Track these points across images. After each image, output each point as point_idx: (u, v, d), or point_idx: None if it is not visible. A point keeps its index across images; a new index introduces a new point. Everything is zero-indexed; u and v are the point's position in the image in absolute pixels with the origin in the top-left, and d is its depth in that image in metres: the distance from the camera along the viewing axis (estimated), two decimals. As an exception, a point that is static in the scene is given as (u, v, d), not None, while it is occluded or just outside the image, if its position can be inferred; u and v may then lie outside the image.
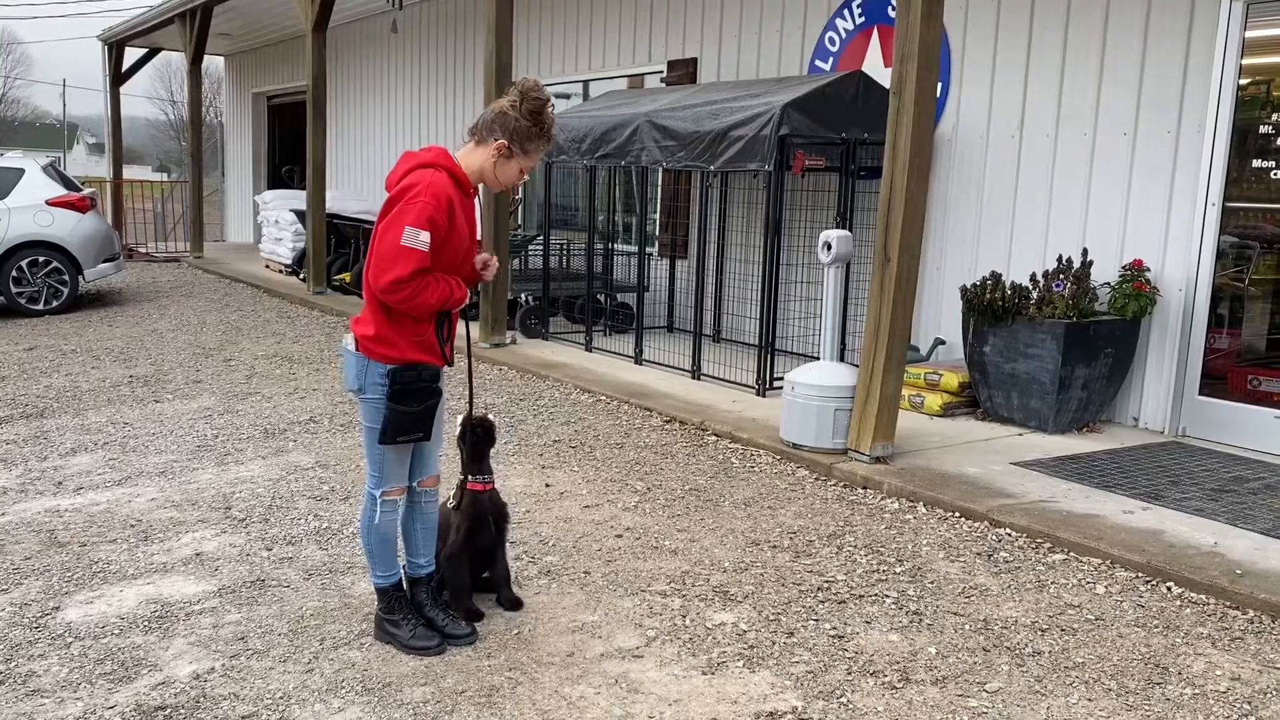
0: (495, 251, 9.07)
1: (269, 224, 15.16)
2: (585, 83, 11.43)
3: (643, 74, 10.55)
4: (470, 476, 3.91)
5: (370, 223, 13.13)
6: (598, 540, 4.60)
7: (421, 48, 14.56)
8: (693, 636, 3.67)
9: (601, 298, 9.83)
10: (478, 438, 3.92)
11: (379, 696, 3.23)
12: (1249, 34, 5.98)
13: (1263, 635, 3.70)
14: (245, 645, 3.55)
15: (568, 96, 11.78)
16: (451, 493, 3.97)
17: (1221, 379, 6.40)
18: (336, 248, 13.00)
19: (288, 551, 4.40)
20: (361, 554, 4.21)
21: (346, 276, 12.36)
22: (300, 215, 13.22)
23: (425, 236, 3.27)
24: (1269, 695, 3.28)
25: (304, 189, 12.80)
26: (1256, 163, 6.04)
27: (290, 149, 19.98)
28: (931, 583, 4.17)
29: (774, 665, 3.47)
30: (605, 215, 10.02)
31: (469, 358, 4.24)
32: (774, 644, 3.62)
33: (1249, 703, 3.24)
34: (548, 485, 5.38)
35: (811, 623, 3.80)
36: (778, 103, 7.05)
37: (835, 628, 3.76)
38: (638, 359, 8.41)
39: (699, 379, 7.80)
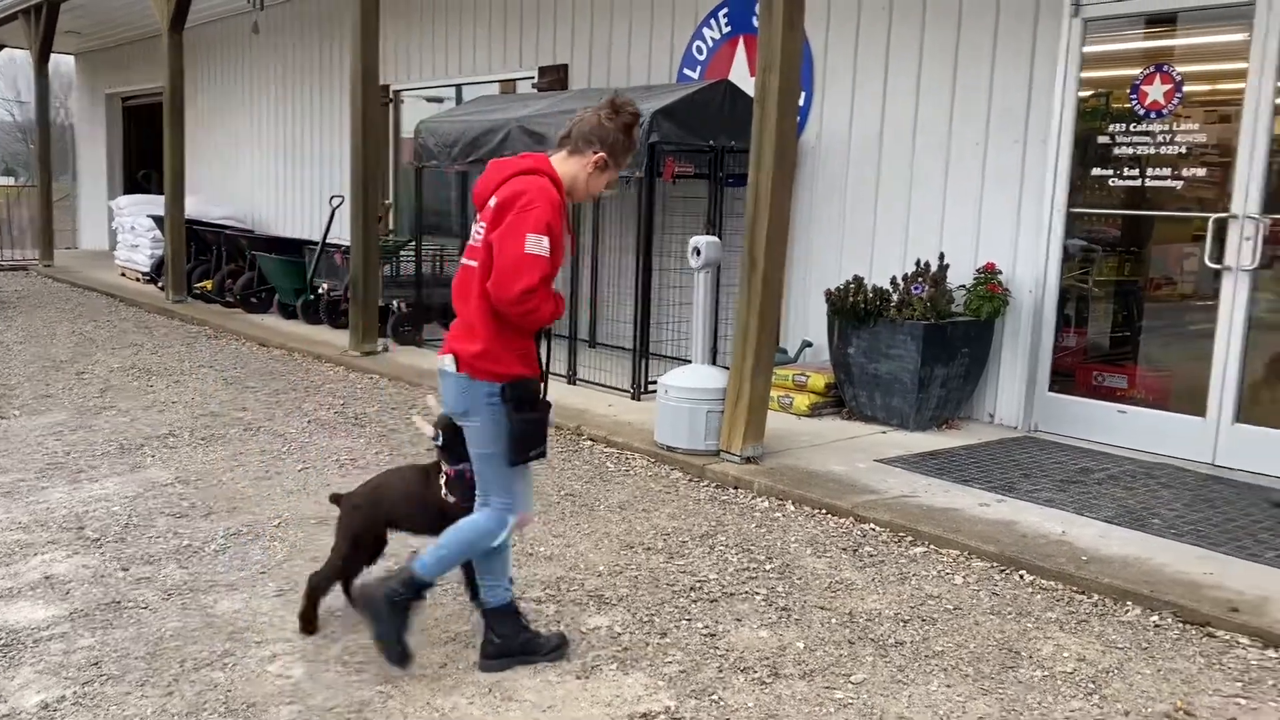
0: (364, 258, 8.90)
1: (125, 230, 14.52)
2: (458, 87, 11.33)
3: (515, 79, 10.51)
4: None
5: (234, 230, 12.74)
6: (471, 549, 4.56)
7: (286, 49, 14.18)
8: (564, 638, 3.67)
9: (476, 304, 9.73)
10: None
11: (243, 718, 3.14)
12: (1087, 49, 6.33)
13: (1106, 618, 3.93)
14: (99, 671, 3.39)
15: (440, 100, 11.66)
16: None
17: (1070, 376, 6.76)
18: (197, 255, 12.54)
19: (145, 571, 4.23)
20: (229, 573, 4.08)
21: (208, 284, 11.94)
22: (158, 221, 12.70)
23: (546, 243, 3.21)
24: (1111, 674, 3.48)
25: (162, 194, 12.29)
26: (1097, 171, 6.41)
27: (148, 152, 19.16)
28: (800, 579, 4.28)
29: (647, 666, 3.50)
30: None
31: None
32: (647, 645, 3.66)
33: (1093, 682, 3.43)
34: (420, 495, 5.30)
35: (684, 623, 3.85)
36: (647, 110, 7.12)
37: (707, 626, 3.82)
38: (513, 365, 8.34)
39: (575, 384, 7.81)
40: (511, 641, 3.49)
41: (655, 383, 6.49)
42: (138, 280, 14.04)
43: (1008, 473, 5.63)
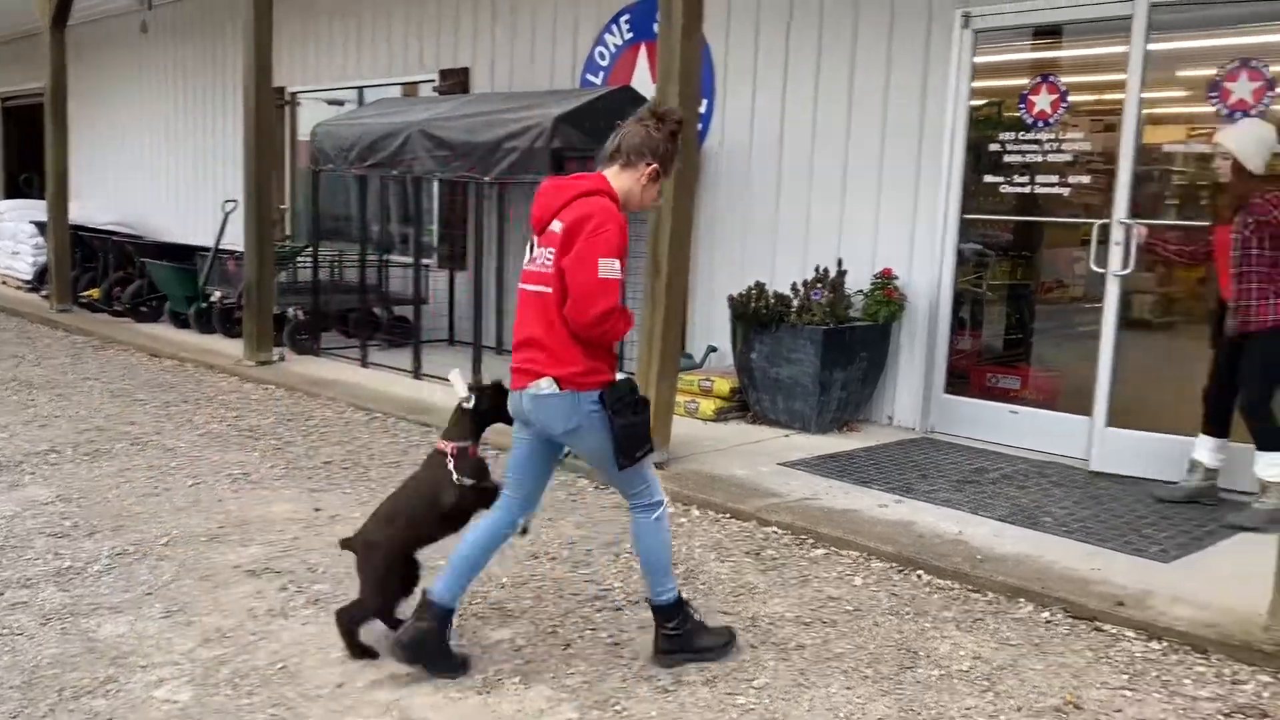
0: (259, 263, 8.65)
1: (5, 236, 13.89)
2: (359, 89, 11.11)
3: (416, 82, 10.36)
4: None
5: (121, 236, 12.26)
6: (371, 563, 4.46)
7: (176, 49, 13.73)
8: (469, 656, 3.61)
9: (377, 311, 9.56)
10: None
11: (126, 748, 3.00)
12: (979, 59, 6.51)
13: (1000, 615, 4.02)
14: (-32, 704, 3.21)
15: (341, 103, 11.42)
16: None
17: (964, 378, 6.94)
18: (83, 262, 12.04)
19: (22, 596, 4.02)
20: (119, 593, 3.92)
21: (95, 293, 11.47)
22: (41, 227, 12.16)
23: (617, 265, 3.27)
24: (1005, 671, 3.56)
25: (45, 198, 11.77)
26: (989, 178, 6.59)
27: (29, 155, 18.33)
28: (704, 584, 4.28)
29: (550, 679, 3.46)
30: (379, 226, 9.77)
31: None
32: (550, 657, 3.62)
33: (988, 679, 3.51)
34: (317, 509, 5.17)
35: (588, 633, 3.82)
36: (550, 115, 7.09)
37: (612, 636, 3.80)
38: (416, 373, 8.24)
39: (479, 392, 7.71)
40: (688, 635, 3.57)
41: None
42: (19, 289, 13.44)
43: (906, 474, 5.74)
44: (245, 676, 3.43)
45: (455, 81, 9.77)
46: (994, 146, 6.54)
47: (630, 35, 8.44)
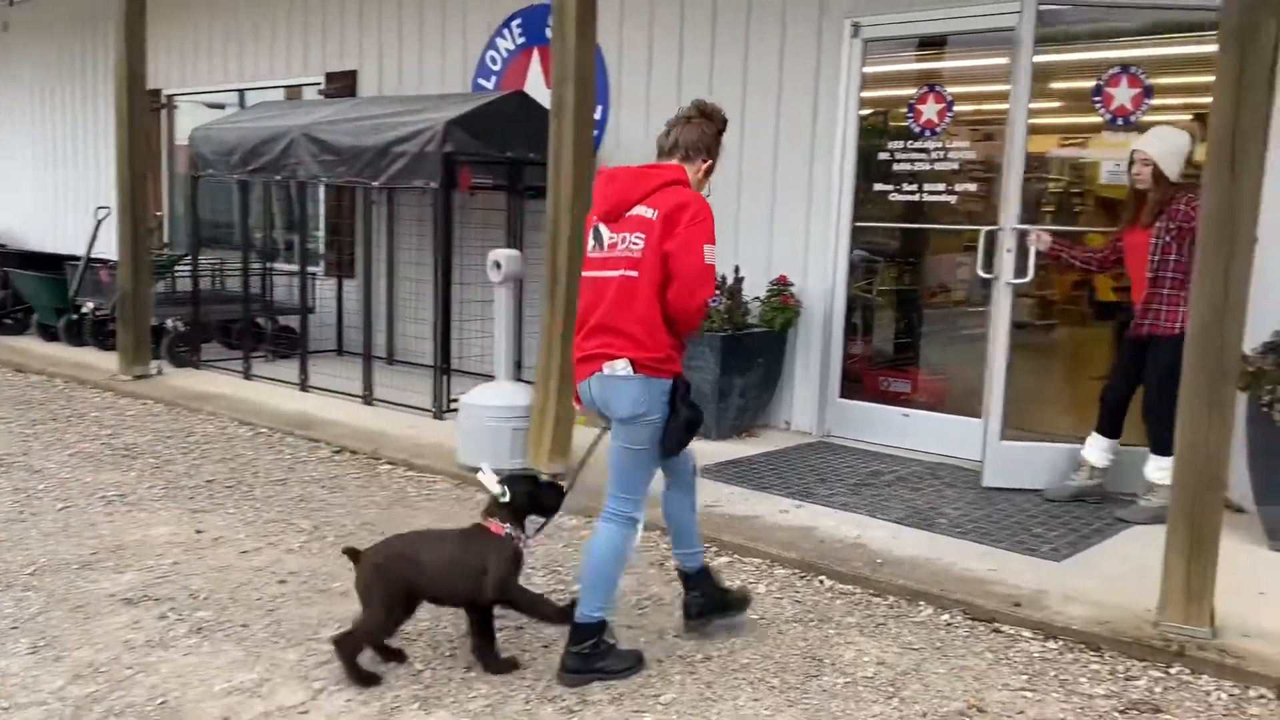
0: (134, 272, 8.25)
1: None
2: (240, 92, 10.71)
3: (300, 85, 10.04)
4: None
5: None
6: (258, 589, 4.25)
7: (42, 49, 13.04)
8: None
9: (261, 321, 9.22)
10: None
11: (-13, 801, 2.77)
12: (868, 69, 6.61)
13: (901, 619, 4.05)
14: None
15: (222, 106, 10.99)
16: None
17: (859, 382, 7.03)
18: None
19: None
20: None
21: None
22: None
23: (714, 252, 3.41)
24: (909, 676, 3.58)
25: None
26: (880, 186, 6.69)
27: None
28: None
29: (451, 703, 3.34)
30: (263, 233, 9.43)
31: None
32: (451, 681, 3.49)
33: (892, 685, 3.52)
34: (199, 531, 4.92)
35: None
36: (441, 119, 6.93)
37: (510, 654, 3.68)
38: (303, 385, 7.96)
39: (372, 404, 7.50)
40: (590, 656, 3.51)
41: (458, 400, 6.31)
42: None
43: (804, 478, 5.78)
44: (121, 715, 3.21)
45: (342, 85, 9.50)
46: (884, 155, 6.65)
47: (522, 40, 8.34)
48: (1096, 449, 5.35)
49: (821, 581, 4.40)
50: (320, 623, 3.92)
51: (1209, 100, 5.41)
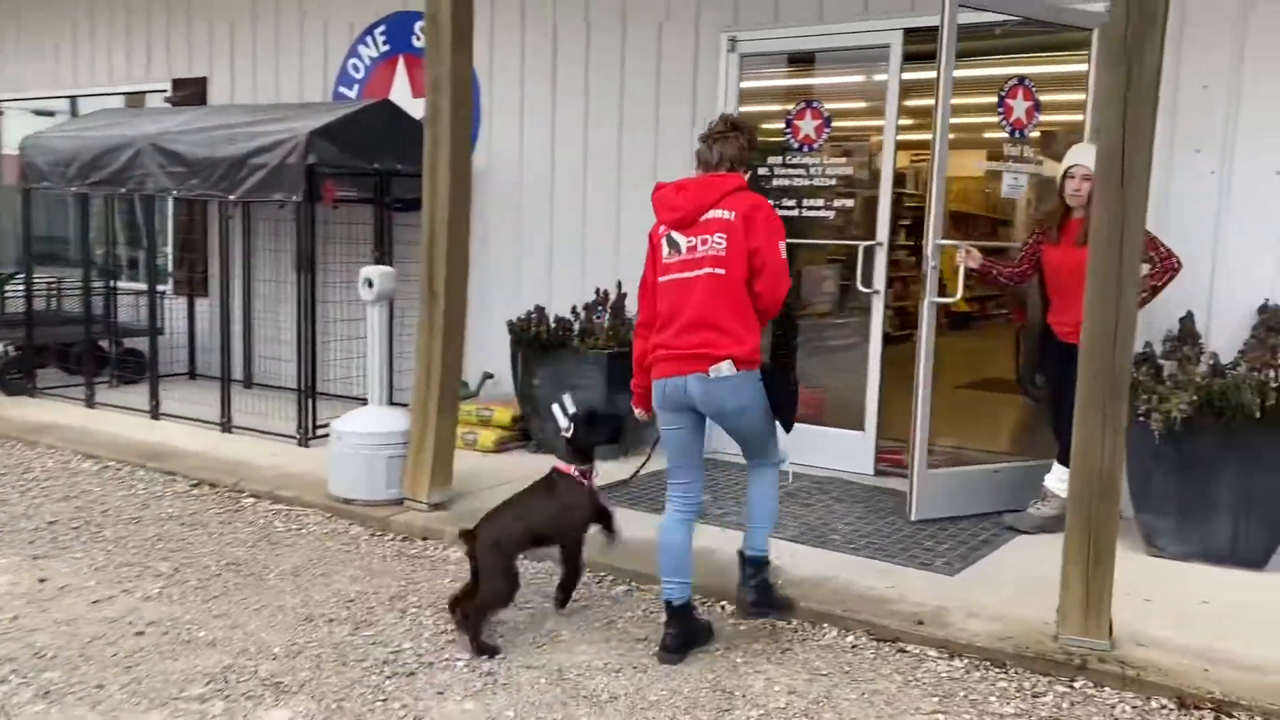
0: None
1: None
2: (73, 98, 9.98)
3: (143, 92, 9.41)
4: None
5: None
6: (113, 643, 3.86)
7: None
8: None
9: (104, 344, 8.57)
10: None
11: None
12: (746, 84, 6.58)
13: (807, 643, 3.96)
14: None
15: (52, 114, 10.21)
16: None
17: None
18: None
19: None
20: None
21: None
22: None
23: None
24: (821, 705, 3.48)
25: None
26: (759, 200, 6.65)
27: None
28: (502, 636, 3.97)
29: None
30: (104, 249, 8.78)
31: None
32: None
33: (805, 715, 3.42)
34: (43, 580, 4.45)
35: (379, 704, 3.44)
36: (303, 129, 6.56)
37: (406, 705, 3.43)
38: (154, 413, 7.42)
39: (231, 432, 7.03)
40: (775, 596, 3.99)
41: (326, 425, 5.95)
42: None
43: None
44: (-43, 804, 2.82)
45: (190, 92, 8.94)
46: (763, 170, 6.62)
47: (387, 47, 8.02)
48: (1059, 479, 5.09)
49: (724, 607, 4.28)
50: (186, 678, 3.57)
51: (1078, 117, 5.67)
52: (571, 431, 4.01)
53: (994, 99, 5.53)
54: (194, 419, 7.24)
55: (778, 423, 3.85)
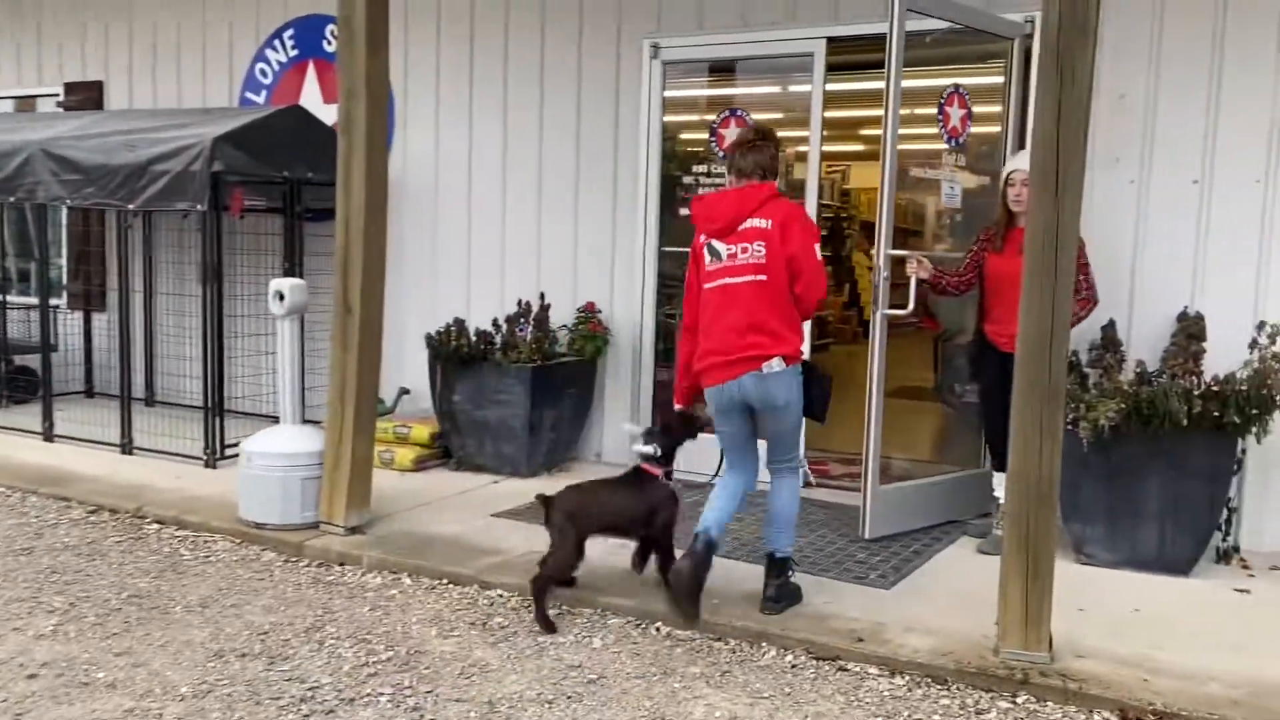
0: None
1: None
2: (-47, 103, 9.43)
3: (32, 96, 8.94)
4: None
5: None
6: (2, 686, 3.55)
7: None
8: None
9: (-7, 362, 8.08)
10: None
11: None
12: (670, 93, 6.48)
13: (746, 664, 3.84)
14: None
15: (-68, 118, 9.62)
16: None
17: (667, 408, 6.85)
18: None
19: None
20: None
21: None
22: None
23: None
24: (764, 729, 3.37)
25: None
26: (684, 211, 6.54)
27: None
28: (428, 668, 3.78)
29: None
30: (-7, 262, 8.29)
31: None
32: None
33: (749, 741, 3.30)
34: (-78, 622, 4.10)
35: (297, 747, 3.21)
36: (208, 135, 6.26)
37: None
38: (48, 435, 7.00)
39: (132, 453, 6.67)
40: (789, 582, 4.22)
41: (235, 446, 5.66)
42: None
43: (624, 515, 5.51)
44: None
45: (85, 97, 8.51)
46: (689, 179, 6.53)
47: (296, 52, 7.73)
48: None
49: (659, 629, 4.14)
50: (84, 728, 3.29)
51: (995, 129, 5.70)
52: (657, 446, 4.25)
53: (915, 111, 5.52)
54: (91, 440, 6.85)
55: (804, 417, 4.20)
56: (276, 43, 7.80)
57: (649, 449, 4.23)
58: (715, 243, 4.04)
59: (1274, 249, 5.07)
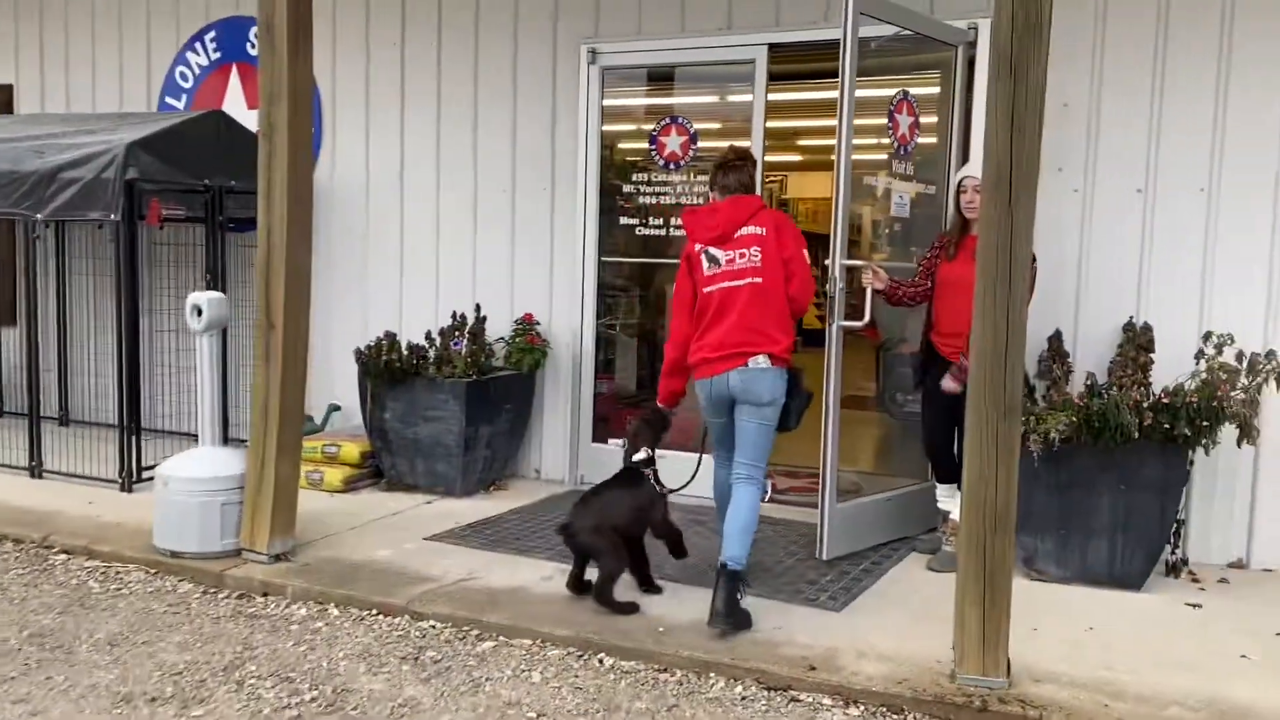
0: None
1: None
2: None
3: (-63, 100, 8.47)
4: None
5: None
6: (-121, 746, 3.24)
7: None
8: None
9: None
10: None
11: None
12: (610, 102, 6.31)
13: (694, 697, 3.66)
14: None
15: None
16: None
17: (607, 421, 6.67)
18: None
19: None
20: None
21: None
22: None
23: None
24: (715, 768, 3.19)
25: None
26: (625, 220, 6.39)
27: None
28: (355, 708, 3.53)
29: None
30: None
31: None
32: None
33: (699, 782, 3.11)
34: None
35: (210, 803, 2.96)
36: (121, 141, 5.94)
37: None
38: (-50, 459, 6.59)
39: (41, 477, 6.29)
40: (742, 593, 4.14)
41: (154, 467, 5.34)
42: None
43: (565, 536, 5.30)
44: None
45: (-7, 100, 8.10)
46: (629, 187, 6.36)
47: (218, 55, 7.42)
48: (951, 500, 4.91)
49: (601, 660, 3.93)
50: (-30, 788, 2.99)
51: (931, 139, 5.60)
52: (648, 451, 4.46)
53: (856, 121, 5.39)
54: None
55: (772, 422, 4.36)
56: (198, 45, 7.48)
57: (642, 455, 4.43)
58: (713, 250, 4.32)
59: (1218, 258, 5.04)
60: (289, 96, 4.72)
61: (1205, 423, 4.34)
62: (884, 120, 5.37)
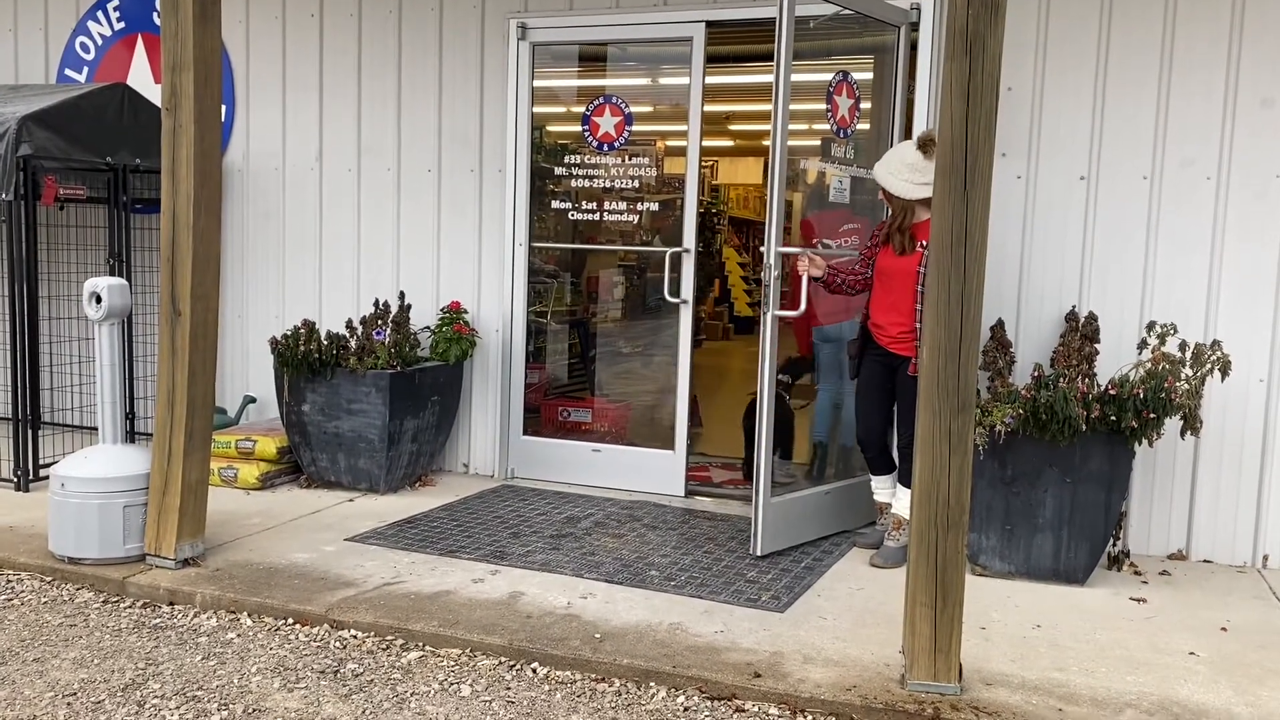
0: None
1: None
2: None
3: None
4: None
5: None
6: None
7: None
8: None
9: None
10: None
11: None
12: (541, 82, 6.05)
13: (632, 708, 3.45)
14: None
15: None
16: None
17: (539, 414, 6.45)
18: None
19: None
20: None
21: None
22: None
23: None
24: (658, 789, 2.99)
25: None
26: (557, 204, 6.15)
27: None
28: (269, 730, 3.27)
29: None
30: None
31: None
32: None
33: (641, 804, 2.91)
34: None
35: (102, 843, 2.67)
36: (13, 115, 5.52)
37: None
38: None
39: (-74, 476, 5.84)
40: None
41: (53, 463, 4.96)
42: None
43: (495, 534, 5.07)
44: None
45: (-125, 69, 7.51)
46: (560, 170, 6.12)
47: (123, 25, 6.97)
48: (887, 492, 4.86)
49: (535, 670, 3.71)
50: None
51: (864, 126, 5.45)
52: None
53: (792, 106, 5.21)
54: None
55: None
56: (100, 14, 7.02)
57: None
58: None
59: (1160, 247, 4.98)
60: (195, 64, 4.37)
61: (1153, 414, 4.26)
62: (823, 105, 5.20)
